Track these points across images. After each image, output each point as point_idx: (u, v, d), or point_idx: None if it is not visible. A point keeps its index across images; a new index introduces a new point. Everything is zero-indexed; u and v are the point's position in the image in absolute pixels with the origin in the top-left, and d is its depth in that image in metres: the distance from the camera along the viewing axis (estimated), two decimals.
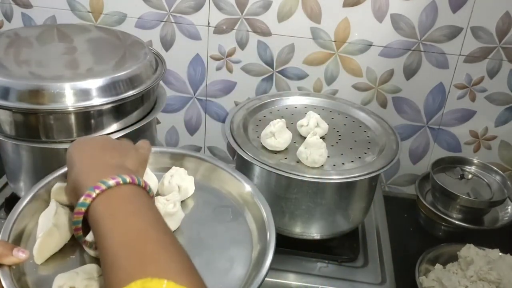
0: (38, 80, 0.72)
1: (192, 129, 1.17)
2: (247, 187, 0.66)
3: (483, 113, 1.05)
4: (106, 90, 0.73)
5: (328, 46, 1.01)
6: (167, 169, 0.69)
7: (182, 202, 0.65)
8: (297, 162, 0.79)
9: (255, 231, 0.62)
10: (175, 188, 0.65)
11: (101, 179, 0.45)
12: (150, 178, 0.67)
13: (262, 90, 1.08)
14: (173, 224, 0.62)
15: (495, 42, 0.97)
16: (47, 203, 0.61)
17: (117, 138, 0.62)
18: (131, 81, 0.77)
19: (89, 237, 0.52)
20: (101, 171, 0.47)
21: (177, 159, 0.72)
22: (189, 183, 0.68)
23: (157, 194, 0.67)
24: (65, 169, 0.63)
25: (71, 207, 0.58)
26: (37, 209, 0.60)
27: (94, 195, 0.45)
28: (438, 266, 0.87)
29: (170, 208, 0.60)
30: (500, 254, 0.87)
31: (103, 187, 0.45)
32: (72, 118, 0.73)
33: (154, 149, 0.71)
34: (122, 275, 0.38)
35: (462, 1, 0.93)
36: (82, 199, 0.45)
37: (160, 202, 0.60)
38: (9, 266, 0.50)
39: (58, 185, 0.61)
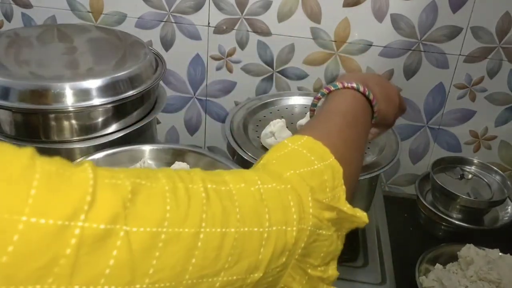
0: (38, 80, 0.72)
1: (192, 129, 1.17)
2: None
3: (483, 113, 1.05)
4: (106, 90, 0.73)
5: (328, 46, 1.01)
6: (169, 164, 0.70)
7: None
8: None
9: None
10: None
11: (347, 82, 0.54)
12: None
13: (262, 90, 1.08)
14: None
15: (495, 42, 0.97)
16: None
17: None
18: (131, 81, 0.77)
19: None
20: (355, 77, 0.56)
21: (179, 155, 0.74)
22: None
23: None
24: (75, 163, 0.66)
25: None
26: None
27: (331, 89, 0.54)
28: (438, 266, 0.87)
29: None
30: (500, 254, 0.87)
31: (338, 87, 0.53)
32: (72, 118, 0.73)
33: (156, 146, 0.74)
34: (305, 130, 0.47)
35: (462, 1, 0.93)
36: (322, 90, 0.55)
37: None
38: None
39: None
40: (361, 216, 0.39)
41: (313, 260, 0.37)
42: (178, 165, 0.69)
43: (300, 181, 0.37)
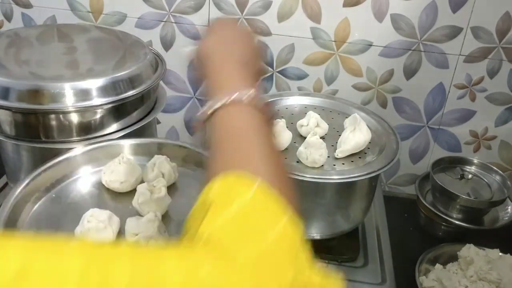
0: (38, 80, 0.72)
1: (192, 129, 1.17)
2: None
3: (483, 113, 1.05)
4: (106, 90, 0.73)
5: (328, 46, 1.01)
6: (149, 158, 0.71)
7: (168, 187, 0.67)
8: (297, 162, 0.79)
9: None
10: (159, 175, 0.68)
11: (224, 84, 0.47)
12: (133, 168, 0.70)
13: (262, 90, 1.08)
14: (161, 208, 0.64)
15: (495, 42, 0.97)
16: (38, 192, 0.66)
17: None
18: (131, 81, 0.77)
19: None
20: (225, 69, 0.50)
21: (159, 148, 0.75)
22: (173, 170, 0.70)
23: (142, 181, 0.69)
24: (55, 161, 0.69)
25: None
26: (28, 200, 0.64)
27: (216, 107, 0.46)
28: (438, 266, 0.87)
29: (157, 193, 0.62)
30: (500, 254, 0.87)
31: (222, 102, 0.45)
32: (72, 118, 0.73)
33: (133, 141, 0.75)
34: (218, 167, 0.39)
35: (462, 1, 0.93)
36: (206, 106, 0.46)
37: (146, 188, 0.63)
38: None
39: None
40: (334, 283, 0.34)
41: None
42: (157, 158, 0.70)
43: (256, 267, 0.31)
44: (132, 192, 0.67)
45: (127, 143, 0.75)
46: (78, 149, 0.72)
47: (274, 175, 0.39)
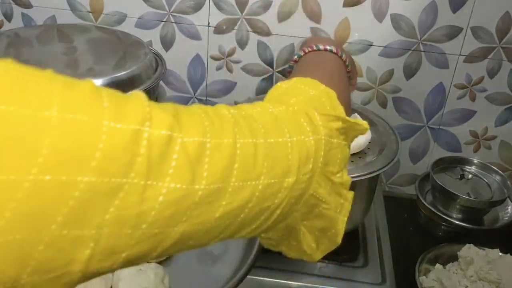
0: None
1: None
2: None
3: (483, 113, 1.05)
4: None
5: None
6: None
7: None
8: None
9: None
10: None
11: (314, 42, 0.64)
12: None
13: (262, 90, 1.08)
14: None
15: (495, 42, 0.97)
16: None
17: None
18: (131, 81, 0.77)
19: None
20: (319, 40, 0.66)
21: None
22: None
23: None
24: None
25: None
26: None
27: (306, 51, 0.63)
28: (438, 266, 0.87)
29: None
30: (500, 254, 0.87)
31: (314, 48, 0.63)
32: None
33: None
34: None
35: (462, 1, 0.93)
36: (298, 51, 0.64)
37: None
38: None
39: None
40: (362, 124, 0.44)
41: (332, 168, 0.42)
42: None
43: (303, 104, 0.42)
44: None
45: None
46: None
47: (335, 86, 0.48)
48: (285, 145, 0.37)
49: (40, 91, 0.26)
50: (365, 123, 0.44)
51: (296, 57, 0.62)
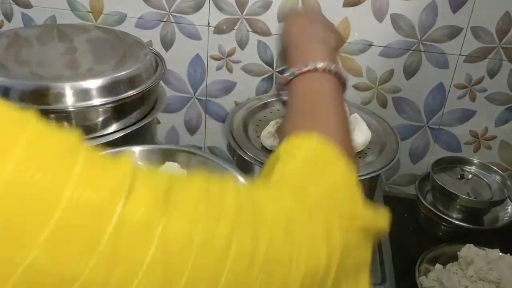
0: (38, 80, 0.72)
1: (192, 129, 1.17)
2: (240, 178, 0.67)
3: (483, 113, 1.05)
4: (106, 90, 0.73)
5: None
6: (160, 165, 0.70)
7: None
8: None
9: None
10: None
11: (306, 56, 0.52)
12: None
13: (262, 90, 1.08)
14: None
15: (495, 42, 0.97)
16: None
17: None
18: (131, 81, 0.77)
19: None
20: (308, 45, 0.56)
21: (169, 155, 0.74)
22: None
23: None
24: None
25: None
26: None
27: (297, 73, 0.51)
28: (438, 266, 0.87)
29: None
30: (500, 254, 0.87)
31: (306, 68, 0.51)
32: (72, 118, 0.73)
33: (145, 147, 0.75)
34: (292, 125, 0.46)
35: (462, 1, 0.93)
36: (289, 72, 0.52)
37: None
38: None
39: None
40: (382, 227, 0.40)
41: (345, 283, 0.37)
42: (168, 164, 0.70)
43: (323, 201, 0.37)
44: None
45: (138, 149, 0.75)
46: None
47: (341, 134, 0.45)
48: (290, 257, 0.31)
49: None
50: (386, 217, 0.40)
51: (287, 74, 0.51)
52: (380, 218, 0.40)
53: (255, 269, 0.29)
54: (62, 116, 0.73)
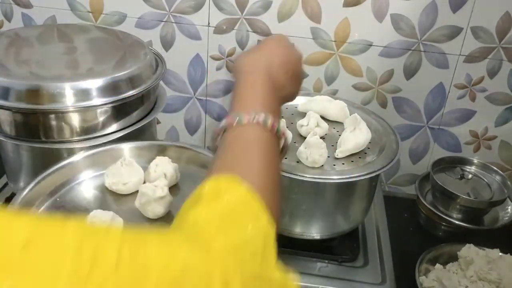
0: (38, 80, 0.72)
1: (192, 129, 1.17)
2: None
3: (483, 113, 1.05)
4: (106, 90, 0.73)
5: (328, 46, 1.01)
6: (150, 160, 0.71)
7: (170, 188, 0.68)
8: (297, 162, 0.79)
9: None
10: (161, 176, 0.68)
11: (244, 106, 0.49)
12: (135, 170, 0.70)
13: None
14: (163, 208, 0.64)
15: (495, 42, 0.97)
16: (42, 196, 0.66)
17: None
18: (131, 81, 0.77)
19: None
20: (248, 92, 0.52)
21: (160, 151, 0.75)
22: (174, 170, 0.70)
23: (144, 182, 0.70)
24: (58, 165, 0.69)
25: None
26: (33, 204, 0.64)
27: (228, 126, 0.48)
28: (438, 266, 0.87)
29: (159, 193, 0.63)
30: (500, 254, 0.87)
31: (235, 122, 0.48)
32: (72, 118, 0.73)
33: (135, 144, 0.76)
34: (217, 169, 0.43)
35: (462, 1, 0.93)
36: (222, 124, 0.49)
37: (148, 188, 0.63)
38: None
39: None
40: (291, 286, 0.38)
41: None
42: (159, 159, 0.70)
43: (229, 255, 0.34)
44: (135, 193, 0.67)
45: (129, 146, 0.75)
46: (81, 153, 0.72)
47: (265, 188, 0.41)
48: None
49: None
50: (296, 280, 0.38)
51: (221, 125, 0.48)
52: (289, 282, 0.37)
53: None
54: (62, 116, 0.73)
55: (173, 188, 0.70)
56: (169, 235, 0.35)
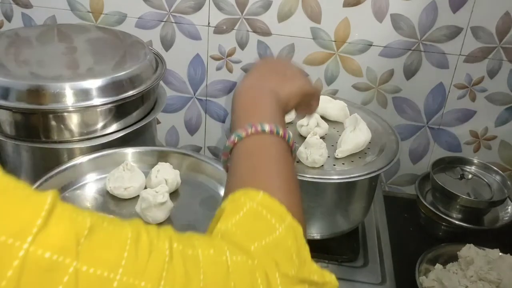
0: (38, 80, 0.72)
1: (192, 129, 1.17)
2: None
3: (483, 113, 1.05)
4: (106, 90, 0.73)
5: (328, 46, 1.01)
6: (152, 166, 0.72)
7: (170, 194, 0.68)
8: (297, 162, 0.79)
9: None
10: (162, 181, 0.68)
11: (248, 120, 0.48)
12: (137, 175, 0.70)
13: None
14: (163, 214, 0.64)
15: (495, 42, 0.97)
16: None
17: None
18: (131, 81, 0.77)
19: None
20: (257, 105, 0.52)
21: (162, 157, 0.75)
22: (175, 176, 0.70)
23: (145, 187, 0.70)
24: (60, 168, 0.69)
25: None
26: None
27: (236, 141, 0.48)
28: (438, 266, 0.87)
29: (159, 199, 0.63)
30: (500, 254, 0.87)
31: (244, 134, 0.47)
32: (72, 118, 0.73)
33: (138, 149, 0.76)
34: (236, 184, 0.43)
35: (462, 1, 0.93)
36: (226, 144, 0.48)
37: (149, 194, 0.63)
38: None
39: None
40: (330, 281, 0.38)
41: None
42: (161, 165, 0.71)
43: (265, 256, 0.35)
44: (136, 198, 0.67)
45: (131, 151, 0.76)
46: (83, 157, 0.73)
47: (286, 194, 0.42)
48: None
49: None
50: (333, 280, 0.38)
51: (236, 138, 0.47)
52: (327, 280, 0.38)
53: None
54: (62, 116, 0.73)
55: (174, 194, 0.70)
56: (211, 238, 0.36)
